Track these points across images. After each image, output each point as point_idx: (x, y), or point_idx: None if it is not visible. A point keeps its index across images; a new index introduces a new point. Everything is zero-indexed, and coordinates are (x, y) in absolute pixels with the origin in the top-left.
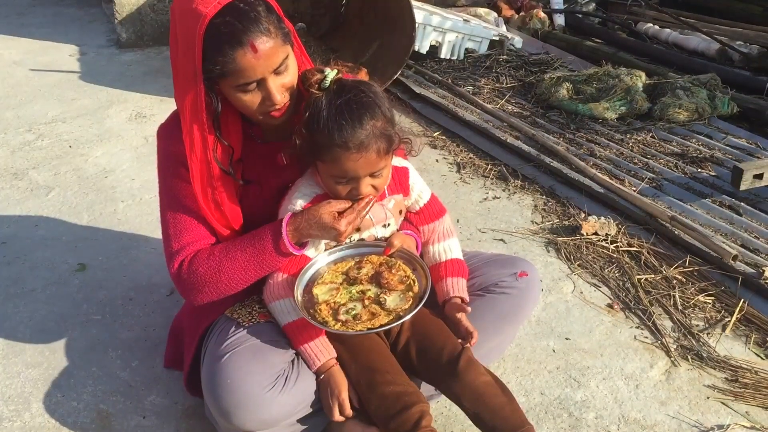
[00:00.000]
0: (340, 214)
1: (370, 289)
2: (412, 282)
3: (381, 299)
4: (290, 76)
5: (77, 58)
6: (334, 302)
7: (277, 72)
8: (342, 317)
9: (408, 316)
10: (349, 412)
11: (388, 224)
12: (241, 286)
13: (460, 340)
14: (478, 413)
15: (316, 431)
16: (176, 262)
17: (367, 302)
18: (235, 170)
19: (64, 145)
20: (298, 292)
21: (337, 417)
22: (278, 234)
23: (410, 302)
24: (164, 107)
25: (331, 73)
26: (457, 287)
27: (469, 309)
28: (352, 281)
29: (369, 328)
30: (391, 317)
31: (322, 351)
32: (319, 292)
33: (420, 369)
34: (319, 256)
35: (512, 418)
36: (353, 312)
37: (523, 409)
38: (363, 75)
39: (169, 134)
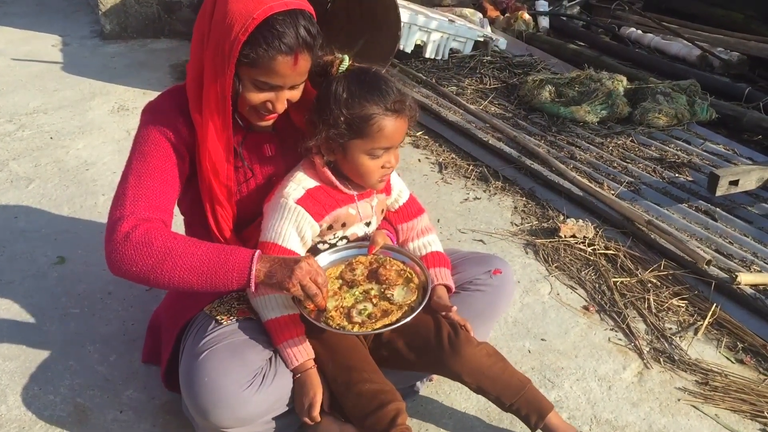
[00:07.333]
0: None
1: (372, 288)
2: (410, 274)
3: (387, 294)
4: (298, 93)
5: (60, 49)
6: (342, 306)
7: (293, 87)
8: (357, 319)
9: (421, 307)
10: (317, 414)
11: (370, 222)
12: (175, 283)
13: (452, 316)
14: (481, 385)
15: (293, 428)
16: (129, 223)
17: (375, 300)
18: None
19: (45, 136)
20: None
21: (306, 419)
22: (251, 258)
23: (416, 293)
24: (147, 100)
25: (346, 58)
26: (441, 275)
27: (454, 308)
28: (350, 284)
29: (386, 325)
30: (405, 310)
31: (301, 351)
32: None
33: (412, 358)
34: None
35: (512, 383)
36: (366, 312)
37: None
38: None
39: (159, 110)
